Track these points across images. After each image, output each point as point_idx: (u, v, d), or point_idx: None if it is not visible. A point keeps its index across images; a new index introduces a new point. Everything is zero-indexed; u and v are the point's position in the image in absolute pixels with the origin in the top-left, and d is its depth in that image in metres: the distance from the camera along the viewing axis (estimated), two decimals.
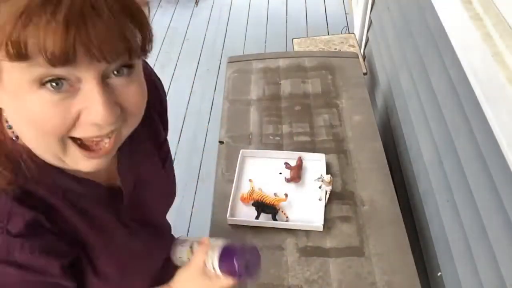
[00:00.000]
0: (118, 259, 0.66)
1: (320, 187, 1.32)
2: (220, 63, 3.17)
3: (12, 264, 0.51)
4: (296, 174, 1.36)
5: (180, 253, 0.79)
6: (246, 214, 1.29)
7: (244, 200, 1.31)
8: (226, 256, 0.71)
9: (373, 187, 1.35)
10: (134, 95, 0.51)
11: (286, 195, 1.31)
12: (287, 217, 1.27)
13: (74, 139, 0.50)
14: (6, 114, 0.52)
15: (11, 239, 0.51)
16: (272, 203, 1.27)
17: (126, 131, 0.55)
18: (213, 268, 0.71)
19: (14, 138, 0.53)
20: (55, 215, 0.56)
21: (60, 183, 0.57)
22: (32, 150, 0.53)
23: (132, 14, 0.46)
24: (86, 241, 0.61)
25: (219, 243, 0.73)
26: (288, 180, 1.36)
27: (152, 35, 0.50)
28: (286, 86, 1.73)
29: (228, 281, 0.70)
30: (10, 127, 0.53)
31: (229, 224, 1.27)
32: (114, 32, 0.44)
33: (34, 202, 0.54)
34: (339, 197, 1.33)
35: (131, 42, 0.46)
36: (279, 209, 1.28)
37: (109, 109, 0.47)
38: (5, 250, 0.51)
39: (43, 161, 0.54)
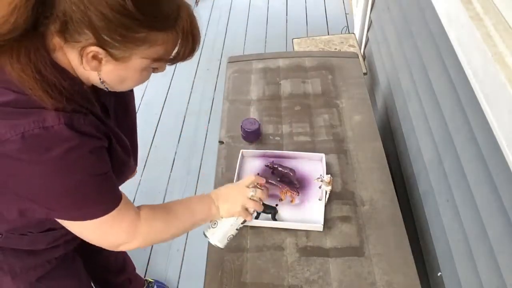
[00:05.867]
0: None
1: (320, 187, 1.32)
2: (220, 63, 3.17)
3: (77, 131, 0.72)
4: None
5: None
6: None
7: None
8: None
9: (373, 187, 1.35)
10: None
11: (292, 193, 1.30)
12: (298, 193, 1.30)
13: None
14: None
15: (75, 115, 0.73)
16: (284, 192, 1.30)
17: None
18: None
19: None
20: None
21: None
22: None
23: None
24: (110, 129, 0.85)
25: None
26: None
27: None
28: (286, 86, 1.73)
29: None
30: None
31: None
32: None
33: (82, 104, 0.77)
34: (339, 197, 1.33)
35: None
36: (280, 202, 1.28)
37: None
38: (76, 121, 0.72)
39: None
